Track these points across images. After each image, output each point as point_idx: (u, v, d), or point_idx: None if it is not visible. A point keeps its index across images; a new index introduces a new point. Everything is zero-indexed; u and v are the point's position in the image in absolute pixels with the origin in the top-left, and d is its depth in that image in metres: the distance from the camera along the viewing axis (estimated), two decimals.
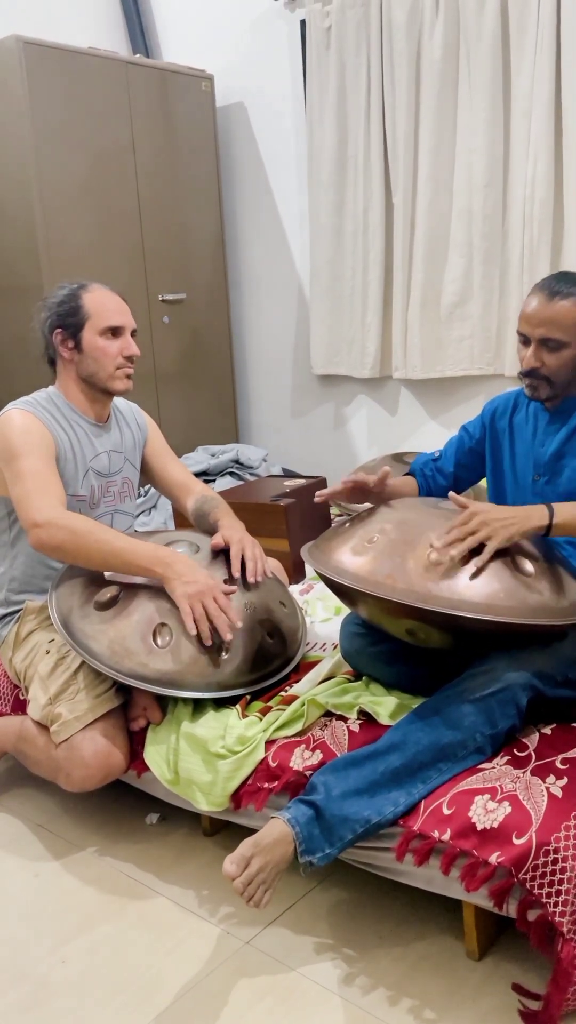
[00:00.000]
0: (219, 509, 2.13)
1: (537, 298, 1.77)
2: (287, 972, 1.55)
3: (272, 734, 1.76)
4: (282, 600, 2.09)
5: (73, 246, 3.43)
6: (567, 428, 1.86)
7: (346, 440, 3.99)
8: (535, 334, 1.77)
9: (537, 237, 3.10)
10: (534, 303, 1.77)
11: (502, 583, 1.59)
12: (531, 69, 3.03)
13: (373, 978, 1.53)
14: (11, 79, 3.22)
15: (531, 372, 1.80)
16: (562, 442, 1.87)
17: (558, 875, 1.35)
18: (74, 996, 1.54)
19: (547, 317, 1.75)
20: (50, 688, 1.89)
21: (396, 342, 3.56)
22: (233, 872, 1.44)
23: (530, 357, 1.79)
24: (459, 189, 3.29)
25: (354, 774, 1.55)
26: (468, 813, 1.47)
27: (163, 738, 1.83)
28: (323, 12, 3.51)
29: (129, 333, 2.05)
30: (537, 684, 1.59)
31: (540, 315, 1.76)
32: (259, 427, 4.32)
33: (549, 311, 1.75)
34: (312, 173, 3.68)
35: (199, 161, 3.88)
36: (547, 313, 1.75)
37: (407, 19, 3.25)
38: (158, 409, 3.82)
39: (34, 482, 1.89)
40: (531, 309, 1.77)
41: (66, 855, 1.93)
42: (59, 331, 2.02)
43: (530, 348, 1.79)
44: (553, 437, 1.89)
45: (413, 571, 1.60)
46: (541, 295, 1.77)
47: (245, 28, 3.88)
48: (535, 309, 1.77)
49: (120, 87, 3.53)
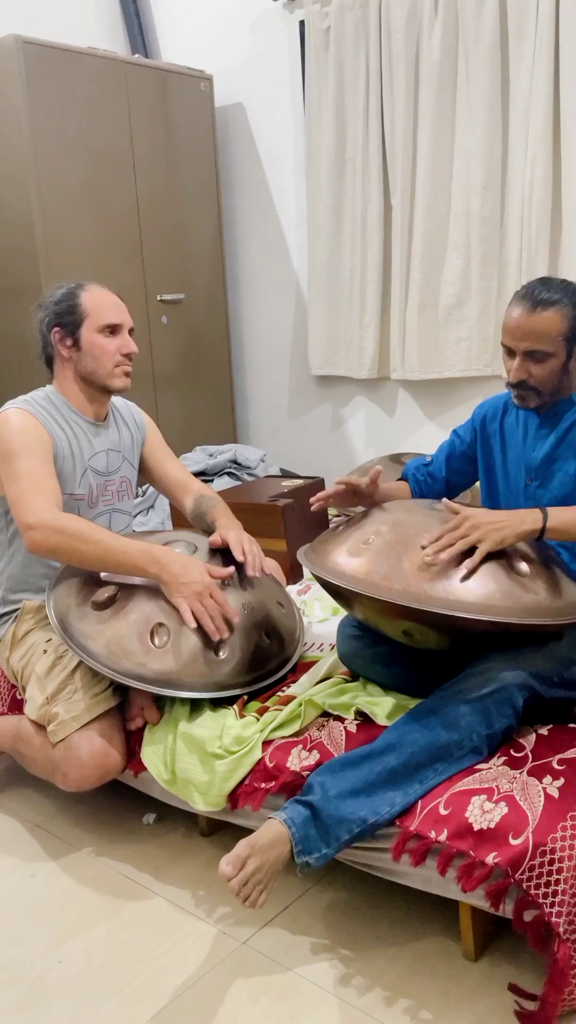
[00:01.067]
0: (217, 508, 2.13)
1: (518, 310, 1.75)
2: (284, 972, 1.56)
3: (269, 734, 1.76)
4: (280, 600, 2.09)
5: (71, 246, 3.43)
6: (556, 433, 1.86)
7: (344, 441, 3.99)
8: (519, 347, 1.76)
9: (535, 239, 3.10)
10: (515, 315, 1.75)
11: (498, 583, 1.59)
12: (529, 71, 3.03)
13: (370, 978, 1.53)
14: (10, 79, 3.22)
15: (519, 384, 1.80)
16: (553, 446, 1.87)
17: (554, 875, 1.36)
18: (70, 996, 1.54)
19: (530, 330, 1.74)
20: (47, 688, 1.89)
21: (394, 343, 3.56)
22: (229, 873, 1.44)
23: (517, 370, 1.78)
24: (457, 191, 3.29)
25: (351, 774, 1.55)
26: (465, 813, 1.47)
27: (160, 738, 1.83)
28: (322, 13, 3.51)
29: (127, 331, 2.05)
30: (533, 684, 1.60)
31: (523, 328, 1.74)
32: (257, 427, 4.32)
33: (531, 323, 1.73)
34: (310, 174, 3.68)
35: (198, 162, 3.88)
36: (529, 325, 1.73)
37: (406, 21, 3.25)
38: (156, 409, 3.82)
39: (29, 483, 1.89)
40: (513, 322, 1.76)
41: (63, 855, 1.93)
42: (57, 329, 2.02)
43: (516, 360, 1.78)
44: (544, 441, 1.89)
45: (409, 572, 1.61)
46: (522, 306, 1.75)
47: (244, 29, 3.88)
48: (517, 322, 1.75)
49: (119, 87, 3.53)
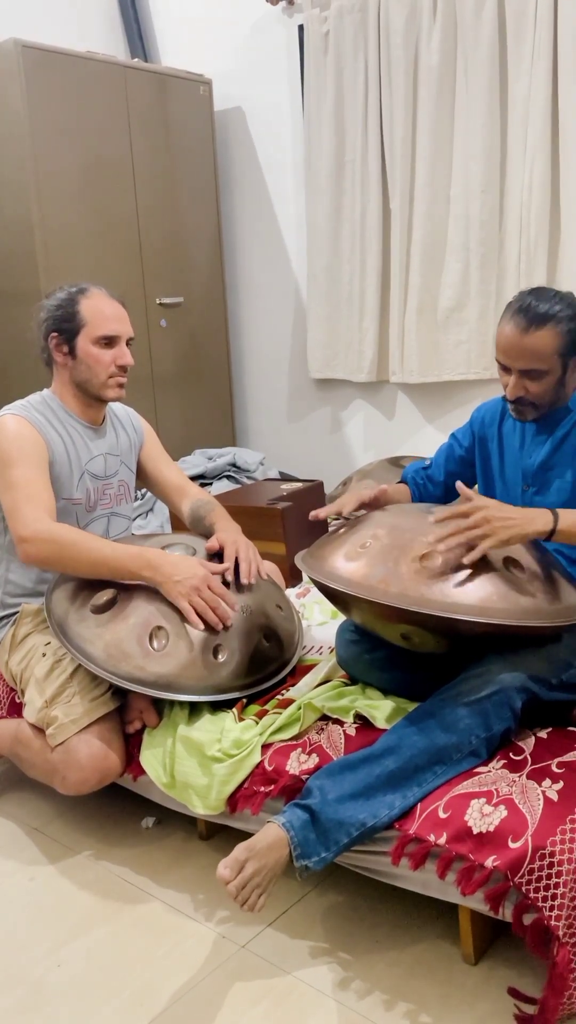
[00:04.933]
0: (215, 512, 2.13)
1: (512, 327, 1.73)
2: (283, 976, 1.55)
3: (268, 738, 1.76)
4: (279, 603, 2.09)
5: (71, 250, 3.43)
6: (553, 440, 1.86)
7: (343, 444, 3.99)
8: (515, 366, 1.76)
9: (534, 242, 3.10)
10: (509, 333, 1.74)
11: (495, 585, 1.59)
12: (528, 75, 3.04)
13: (369, 982, 1.52)
14: (9, 83, 3.23)
15: (516, 400, 1.80)
16: (549, 454, 1.87)
17: (554, 879, 1.36)
18: (69, 1000, 1.54)
19: (524, 349, 1.73)
20: (46, 691, 1.89)
21: (393, 346, 3.56)
22: (227, 876, 1.44)
23: (513, 387, 1.78)
24: (456, 194, 3.30)
25: (349, 778, 1.55)
26: (464, 817, 1.47)
27: (159, 741, 1.83)
28: (321, 17, 3.52)
29: (124, 342, 2.04)
30: (531, 686, 1.60)
31: (517, 348, 1.73)
32: (256, 431, 4.32)
33: (525, 343, 1.72)
34: (309, 178, 3.69)
35: (197, 165, 3.88)
36: (523, 345, 1.72)
37: (405, 25, 3.26)
38: (155, 412, 3.82)
39: (24, 492, 1.89)
40: (507, 342, 1.74)
41: (61, 859, 1.92)
42: (54, 335, 2.02)
43: (512, 377, 1.78)
44: (540, 448, 1.89)
45: (406, 575, 1.61)
46: (516, 324, 1.73)
47: (243, 33, 3.89)
48: (511, 342, 1.74)
49: (118, 91, 3.54)
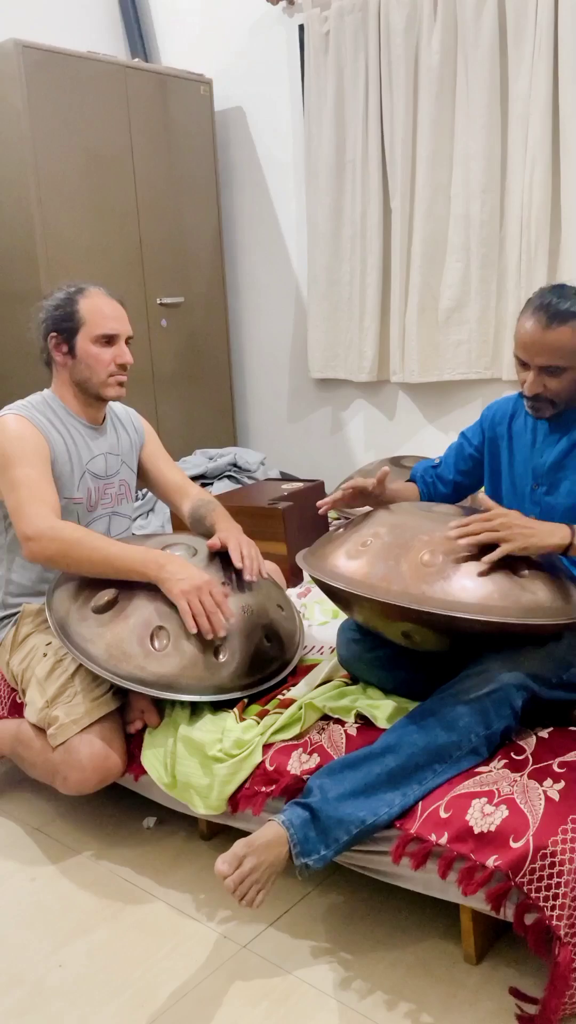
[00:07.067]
0: (215, 512, 2.13)
1: (533, 323, 1.72)
2: (284, 976, 1.55)
3: (269, 738, 1.75)
4: (280, 603, 2.09)
5: (71, 250, 3.43)
6: (568, 439, 1.85)
7: (344, 444, 3.99)
8: (535, 362, 1.75)
9: (534, 242, 3.10)
10: (530, 328, 1.73)
11: (496, 584, 1.59)
12: (528, 74, 3.04)
13: (370, 982, 1.52)
14: (10, 83, 3.23)
15: (534, 396, 1.79)
16: (562, 454, 1.86)
17: (555, 879, 1.35)
18: (71, 1000, 1.54)
19: (545, 345, 1.72)
20: (47, 691, 1.89)
21: (394, 346, 3.56)
22: (225, 871, 1.44)
23: (532, 383, 1.77)
24: (456, 194, 3.30)
25: (350, 776, 1.55)
26: (465, 816, 1.47)
27: (160, 741, 1.83)
28: (321, 17, 3.52)
29: (124, 340, 2.04)
30: (531, 685, 1.59)
31: (538, 344, 1.72)
32: (257, 430, 4.32)
33: (547, 339, 1.71)
34: (310, 177, 3.69)
35: (197, 165, 3.88)
36: (545, 341, 1.71)
37: (405, 24, 3.26)
38: (156, 412, 3.82)
39: (27, 491, 1.90)
40: (528, 337, 1.73)
41: (63, 859, 1.92)
42: (54, 335, 2.02)
43: (531, 373, 1.76)
44: (553, 448, 1.88)
45: (407, 574, 1.61)
46: (537, 320, 1.72)
47: (244, 33, 3.89)
48: (532, 337, 1.73)
49: (119, 91, 3.54)
